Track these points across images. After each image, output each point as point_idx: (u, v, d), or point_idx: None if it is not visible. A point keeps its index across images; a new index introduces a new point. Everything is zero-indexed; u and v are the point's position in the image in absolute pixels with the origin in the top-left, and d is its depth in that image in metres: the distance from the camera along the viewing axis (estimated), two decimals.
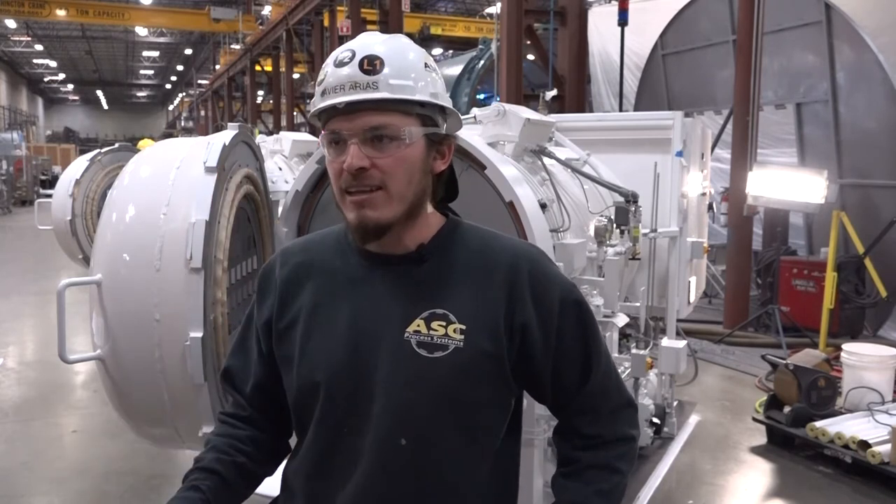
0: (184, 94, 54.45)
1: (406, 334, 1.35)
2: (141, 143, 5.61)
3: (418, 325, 1.35)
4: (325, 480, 1.41)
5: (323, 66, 1.38)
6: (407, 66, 1.35)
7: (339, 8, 17.29)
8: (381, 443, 1.35)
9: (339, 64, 1.34)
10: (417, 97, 1.33)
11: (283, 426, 1.54)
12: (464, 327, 1.34)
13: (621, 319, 3.85)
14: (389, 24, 14.43)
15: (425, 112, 1.35)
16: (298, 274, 1.47)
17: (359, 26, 15.13)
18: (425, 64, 1.38)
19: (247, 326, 1.55)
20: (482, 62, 14.46)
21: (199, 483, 1.41)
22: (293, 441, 1.57)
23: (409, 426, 1.34)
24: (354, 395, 1.36)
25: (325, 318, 1.41)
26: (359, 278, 1.41)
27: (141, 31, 36.46)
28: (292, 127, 21.04)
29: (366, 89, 1.31)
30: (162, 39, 40.92)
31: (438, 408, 1.35)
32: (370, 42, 1.36)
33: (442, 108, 1.38)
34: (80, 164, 9.34)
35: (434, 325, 1.34)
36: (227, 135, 2.86)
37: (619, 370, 4.29)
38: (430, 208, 1.43)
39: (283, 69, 23.01)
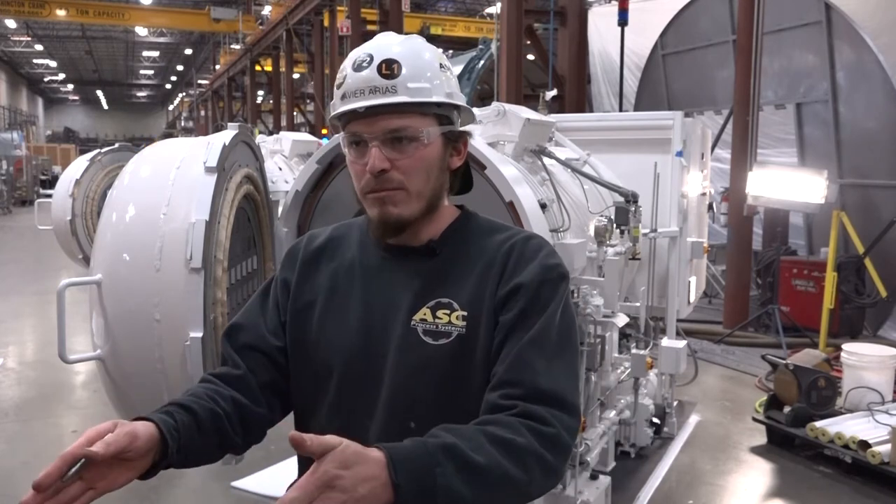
0: (184, 94, 54.43)
1: (413, 322, 1.39)
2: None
3: (424, 314, 1.39)
4: None
5: (341, 67, 1.42)
6: (423, 67, 1.39)
7: (339, 8, 17.29)
8: (388, 426, 1.39)
9: (358, 67, 1.37)
10: (434, 98, 1.38)
11: (267, 398, 1.49)
12: (465, 314, 1.38)
13: (621, 319, 3.84)
14: (389, 24, 14.42)
15: (442, 111, 1.40)
16: (319, 259, 1.53)
17: (359, 26, 15.13)
18: (440, 64, 1.42)
19: (263, 296, 1.55)
20: (482, 62, 14.45)
21: (171, 410, 1.31)
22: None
23: (414, 411, 1.38)
24: (365, 380, 1.41)
25: (340, 305, 1.46)
26: (375, 268, 1.47)
27: (141, 31, 36.44)
28: (292, 127, 21.05)
29: (385, 93, 1.35)
30: (162, 39, 40.90)
31: (443, 393, 1.38)
32: (387, 44, 1.40)
33: (457, 106, 1.43)
34: (80, 164, 9.34)
35: (439, 313, 1.39)
36: (227, 135, 2.85)
37: (619, 370, 4.38)
38: (446, 201, 1.49)
39: (283, 69, 23.03)
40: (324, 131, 16.25)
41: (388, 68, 1.35)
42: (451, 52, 22.56)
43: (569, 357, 1.36)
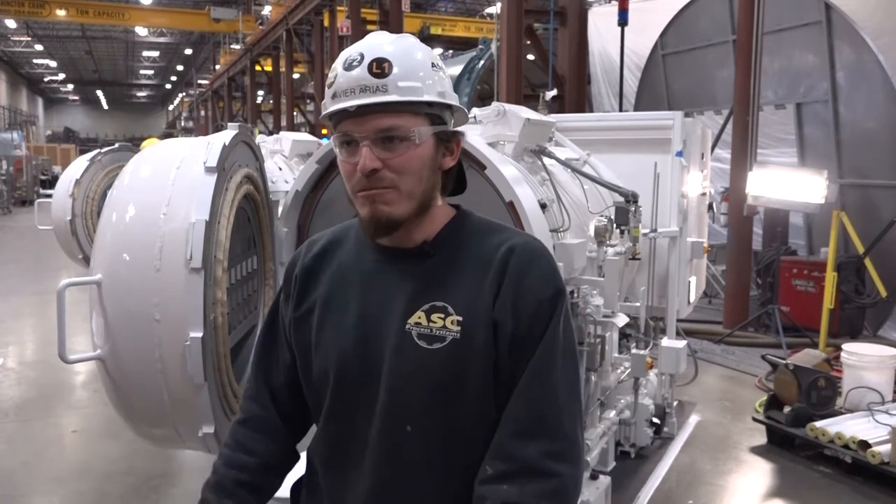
0: (184, 94, 54.43)
1: (407, 326, 1.39)
2: (144, 144, 5.61)
3: (419, 318, 1.38)
4: (339, 464, 1.46)
5: (332, 67, 1.41)
6: (415, 66, 1.38)
7: (339, 8, 17.30)
8: (386, 431, 1.39)
9: (349, 67, 1.36)
10: (426, 98, 1.37)
11: (299, 424, 1.60)
12: (461, 318, 1.37)
13: (621, 319, 3.84)
14: (390, 24, 14.42)
15: (434, 111, 1.39)
16: (318, 264, 1.53)
17: (359, 26, 15.13)
18: (433, 63, 1.41)
19: (272, 319, 1.60)
20: (482, 62, 14.46)
21: None
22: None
23: (411, 415, 1.38)
24: (362, 385, 1.41)
25: (337, 309, 1.46)
26: (371, 271, 1.46)
27: (141, 31, 36.44)
28: (292, 127, 21.05)
29: (375, 92, 1.34)
30: (162, 39, 40.90)
31: (438, 397, 1.38)
32: (379, 43, 1.39)
33: (449, 106, 1.42)
34: (80, 164, 9.32)
35: (434, 317, 1.38)
36: (227, 135, 2.85)
37: (619, 370, 4.38)
38: (439, 201, 1.46)
39: (283, 69, 23.03)
40: (324, 131, 16.20)
41: (379, 67, 1.34)
42: (451, 52, 22.60)
43: (571, 378, 1.41)
